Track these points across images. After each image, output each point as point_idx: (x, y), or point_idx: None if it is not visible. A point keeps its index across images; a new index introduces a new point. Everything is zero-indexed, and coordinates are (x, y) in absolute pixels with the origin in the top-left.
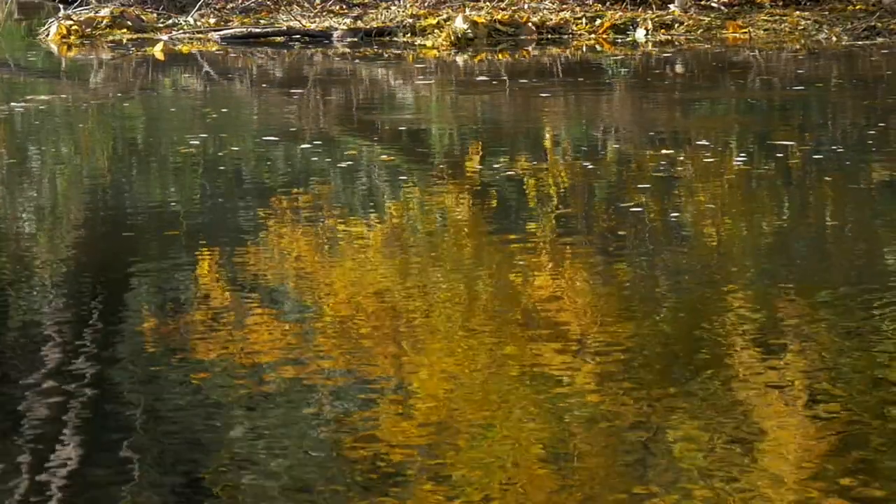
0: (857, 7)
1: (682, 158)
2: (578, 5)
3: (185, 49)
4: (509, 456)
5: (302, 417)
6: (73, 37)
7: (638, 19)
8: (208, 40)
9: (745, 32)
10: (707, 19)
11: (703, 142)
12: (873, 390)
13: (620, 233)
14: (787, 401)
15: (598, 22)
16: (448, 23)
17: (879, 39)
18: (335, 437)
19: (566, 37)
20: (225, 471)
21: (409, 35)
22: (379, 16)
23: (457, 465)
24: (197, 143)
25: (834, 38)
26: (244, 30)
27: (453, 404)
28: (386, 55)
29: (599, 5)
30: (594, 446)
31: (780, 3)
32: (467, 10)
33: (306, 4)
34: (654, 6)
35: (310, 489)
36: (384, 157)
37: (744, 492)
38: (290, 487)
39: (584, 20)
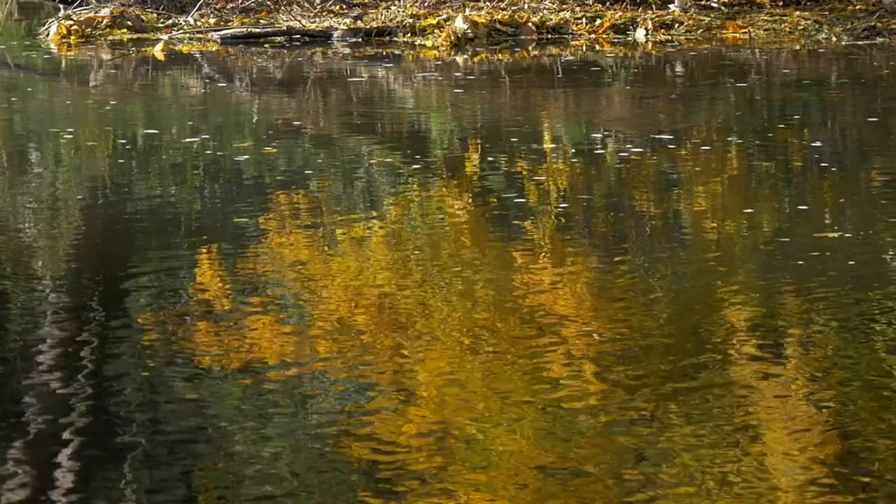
0: (857, 7)
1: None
2: (578, 5)
3: (185, 49)
4: (509, 458)
5: (302, 417)
6: (73, 37)
7: (638, 19)
8: (208, 40)
9: (745, 32)
10: (707, 19)
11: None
12: (873, 389)
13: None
14: (788, 399)
15: (598, 22)
16: (448, 23)
17: (879, 39)
18: (335, 437)
19: (566, 37)
20: (224, 471)
21: (409, 35)
22: (379, 16)
23: (457, 467)
24: (196, 142)
25: (834, 38)
26: (244, 30)
27: (454, 406)
28: (386, 55)
29: (599, 5)
30: (595, 447)
31: (780, 3)
32: (467, 10)
33: (306, 4)
34: (654, 6)
35: (309, 490)
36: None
37: (745, 492)
38: (289, 487)
39: (584, 20)
